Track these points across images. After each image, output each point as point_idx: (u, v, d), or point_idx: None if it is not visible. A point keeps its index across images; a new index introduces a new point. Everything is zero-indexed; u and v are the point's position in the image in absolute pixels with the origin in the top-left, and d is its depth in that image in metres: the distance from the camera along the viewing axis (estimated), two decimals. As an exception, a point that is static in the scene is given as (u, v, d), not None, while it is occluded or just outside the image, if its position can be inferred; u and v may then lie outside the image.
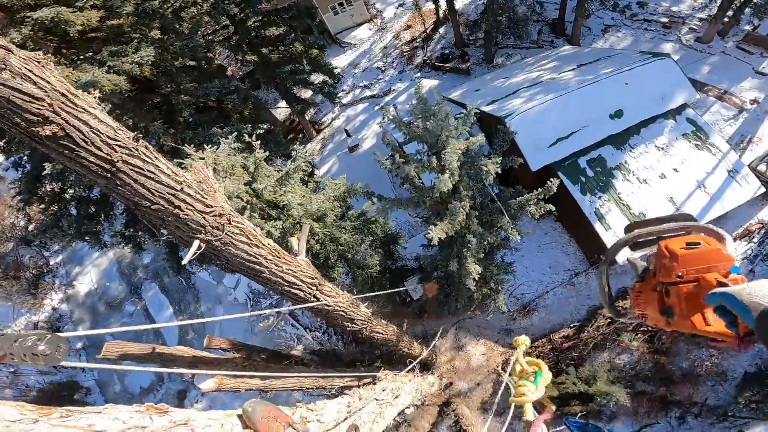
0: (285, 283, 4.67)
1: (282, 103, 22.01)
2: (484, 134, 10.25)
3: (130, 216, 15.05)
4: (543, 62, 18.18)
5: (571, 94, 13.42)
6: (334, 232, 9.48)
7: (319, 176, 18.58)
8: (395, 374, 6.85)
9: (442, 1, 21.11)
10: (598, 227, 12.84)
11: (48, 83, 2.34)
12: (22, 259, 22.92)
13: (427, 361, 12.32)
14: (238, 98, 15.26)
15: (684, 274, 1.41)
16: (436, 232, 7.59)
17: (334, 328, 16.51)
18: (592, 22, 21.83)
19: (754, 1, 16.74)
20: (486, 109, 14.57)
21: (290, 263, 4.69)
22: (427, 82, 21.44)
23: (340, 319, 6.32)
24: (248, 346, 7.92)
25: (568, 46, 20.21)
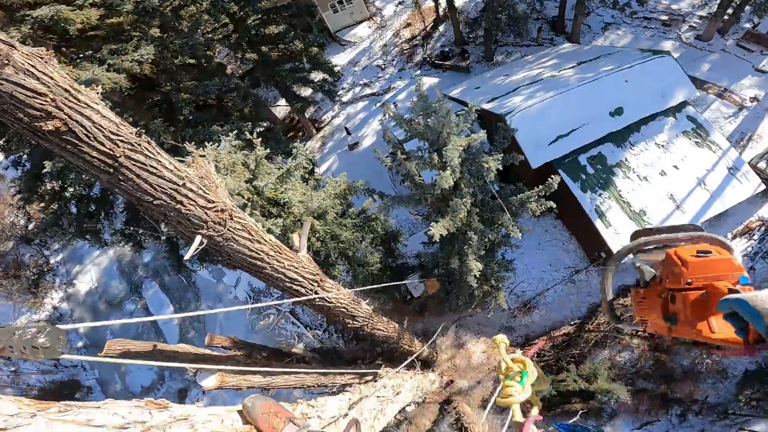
0: (287, 279, 4.66)
1: (282, 101, 21.98)
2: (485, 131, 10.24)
3: (130, 214, 15.05)
4: (543, 60, 18.16)
5: (572, 92, 13.40)
6: (334, 230, 9.48)
7: (320, 174, 18.57)
8: (396, 371, 6.85)
9: (442, -1, 21.14)
10: (599, 224, 12.85)
11: (51, 79, 2.34)
12: (23, 257, 22.92)
13: (427, 359, 12.31)
14: (238, 96, 15.25)
15: (693, 282, 1.41)
16: (438, 229, 7.59)
17: (335, 326, 16.53)
18: (591, 20, 21.80)
19: (754, -2, 16.70)
20: (486, 106, 14.56)
21: (292, 259, 4.68)
22: (427, 80, 21.39)
23: (342, 316, 6.31)
24: (249, 344, 7.90)
25: (568, 44, 20.19)
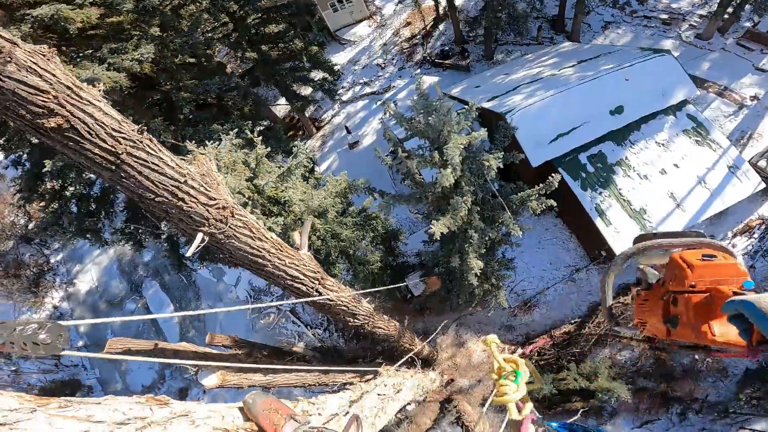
0: (288, 276, 4.66)
1: (282, 101, 21.98)
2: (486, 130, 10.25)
3: (130, 213, 15.04)
4: (543, 59, 18.16)
5: (572, 91, 13.40)
6: (335, 228, 9.48)
7: (320, 173, 18.59)
8: (396, 370, 6.86)
9: (442, -2, 21.13)
10: (599, 223, 12.85)
11: (53, 76, 2.35)
12: (23, 257, 22.91)
13: (428, 358, 12.32)
14: (238, 95, 15.24)
15: (697, 284, 1.42)
16: (439, 227, 7.60)
17: (336, 325, 16.53)
18: (591, 19, 21.80)
19: (754, -3, 16.70)
20: (486, 105, 14.56)
21: (293, 257, 4.68)
22: (427, 79, 21.32)
23: (343, 314, 6.31)
24: (250, 343, 7.90)
25: (568, 43, 20.18)
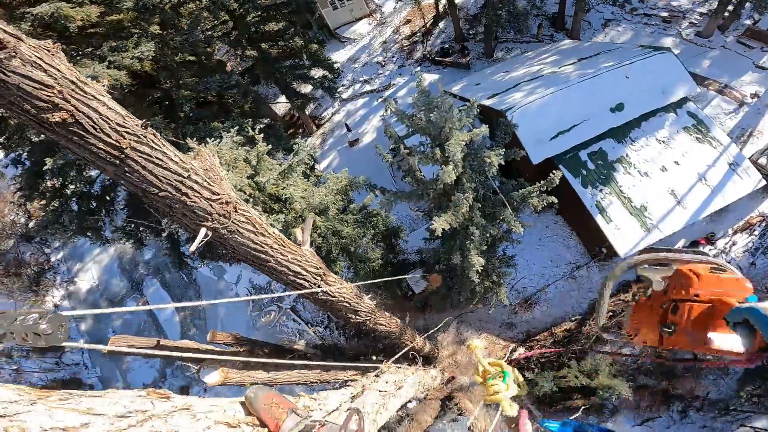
0: (290, 272, 4.66)
1: (282, 98, 21.96)
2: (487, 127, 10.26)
3: (131, 211, 15.05)
4: (543, 56, 18.14)
5: (572, 88, 13.40)
6: (336, 226, 9.49)
7: (320, 171, 18.58)
8: (395, 360, 6.87)
9: (442, -4, 21.10)
10: (599, 220, 12.85)
11: (58, 71, 2.34)
12: (23, 255, 22.94)
13: (429, 355, 12.33)
14: (239, 93, 15.22)
15: (701, 294, 1.47)
16: (440, 223, 7.61)
17: (337, 323, 16.55)
18: (592, 17, 21.79)
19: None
20: (487, 102, 14.55)
21: (295, 252, 4.68)
22: (428, 77, 21.39)
23: (344, 311, 6.32)
24: (251, 341, 7.91)
25: (568, 41, 20.16)
